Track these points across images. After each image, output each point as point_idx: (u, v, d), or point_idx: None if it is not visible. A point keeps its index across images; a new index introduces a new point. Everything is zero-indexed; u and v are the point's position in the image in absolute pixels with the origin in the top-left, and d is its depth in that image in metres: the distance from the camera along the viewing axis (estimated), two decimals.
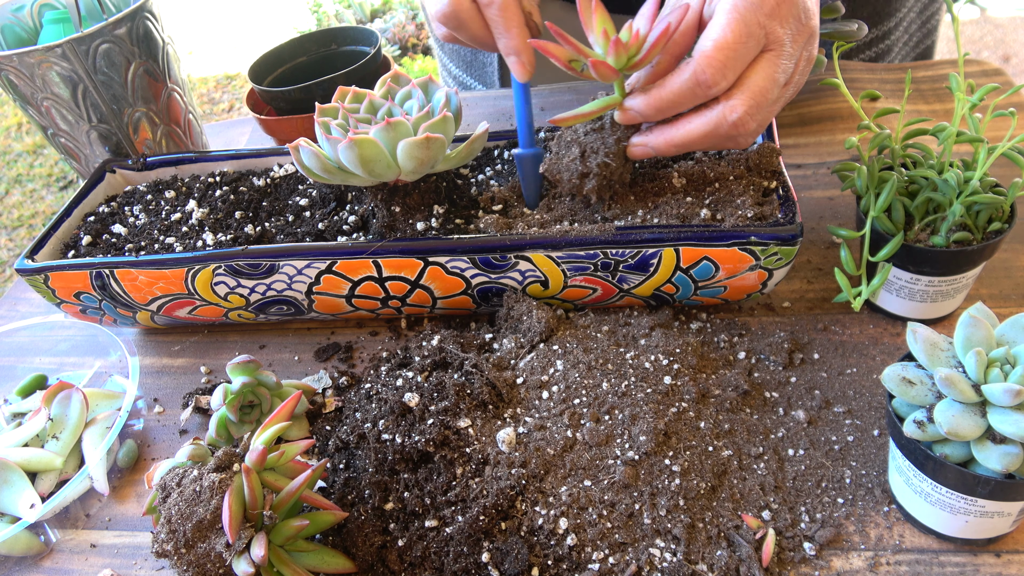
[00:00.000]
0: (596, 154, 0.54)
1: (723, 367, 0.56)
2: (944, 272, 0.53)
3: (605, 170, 0.55)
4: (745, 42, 0.47)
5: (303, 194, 0.67)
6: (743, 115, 0.49)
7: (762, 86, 0.49)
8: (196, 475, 0.45)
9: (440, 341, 0.58)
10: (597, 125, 0.55)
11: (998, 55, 2.70)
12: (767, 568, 0.44)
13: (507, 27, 0.54)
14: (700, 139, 0.51)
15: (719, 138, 0.51)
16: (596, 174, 0.55)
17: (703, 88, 0.48)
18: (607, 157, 0.54)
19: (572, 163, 0.55)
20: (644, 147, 0.54)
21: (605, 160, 0.54)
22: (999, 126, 0.74)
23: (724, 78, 0.48)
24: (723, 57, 0.47)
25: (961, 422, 0.39)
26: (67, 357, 0.69)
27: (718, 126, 0.50)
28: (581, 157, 0.55)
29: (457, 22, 0.56)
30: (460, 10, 0.55)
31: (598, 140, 0.54)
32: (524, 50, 0.55)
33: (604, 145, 0.54)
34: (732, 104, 0.49)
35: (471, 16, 0.55)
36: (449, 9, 0.55)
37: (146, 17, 0.77)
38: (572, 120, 0.54)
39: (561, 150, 0.57)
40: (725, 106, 0.49)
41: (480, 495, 0.47)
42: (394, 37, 3.15)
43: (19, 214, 2.64)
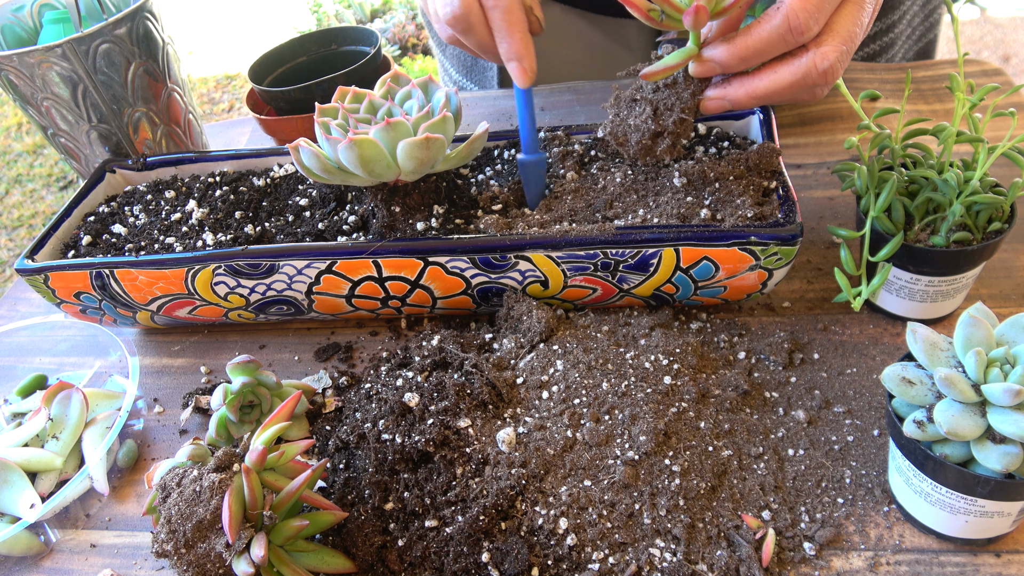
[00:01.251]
0: (671, 111, 0.52)
1: (723, 367, 0.56)
2: (944, 272, 0.53)
3: (681, 127, 0.52)
4: None
5: (303, 194, 0.67)
6: (834, 62, 0.46)
7: (851, 31, 0.47)
8: (196, 475, 0.45)
9: (440, 341, 0.58)
10: (669, 81, 0.52)
11: (998, 55, 2.70)
12: (767, 568, 0.44)
13: (510, 31, 0.54)
14: (785, 89, 0.49)
15: (805, 88, 0.48)
16: (672, 132, 0.52)
17: (795, 34, 0.46)
18: (683, 113, 0.51)
19: (644, 123, 0.53)
20: (721, 100, 0.51)
21: (682, 116, 0.51)
22: (999, 126, 0.74)
23: (816, 22, 0.45)
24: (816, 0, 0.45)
25: (961, 422, 0.39)
26: (67, 357, 0.69)
27: (807, 75, 0.47)
28: (654, 115, 0.52)
29: (466, 25, 0.55)
30: (470, 13, 0.54)
31: (672, 96, 0.52)
32: (526, 56, 0.55)
33: (680, 101, 0.51)
34: (824, 51, 0.46)
35: (480, 20, 0.54)
36: (460, 11, 0.54)
37: (146, 17, 0.77)
38: (661, 73, 0.50)
39: (622, 111, 0.54)
40: (816, 53, 0.47)
41: (480, 495, 0.47)
42: (394, 37, 3.15)
43: (19, 214, 2.64)
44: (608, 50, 0.93)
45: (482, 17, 0.55)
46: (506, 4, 0.53)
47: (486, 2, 0.54)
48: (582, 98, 0.90)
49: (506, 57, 0.55)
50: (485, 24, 0.55)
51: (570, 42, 0.91)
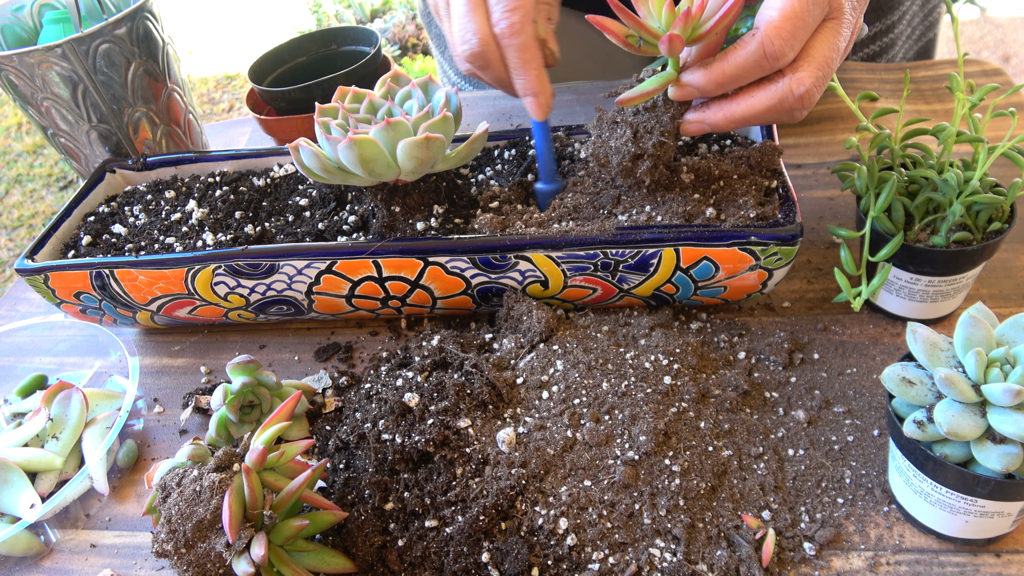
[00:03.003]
0: (651, 134, 0.52)
1: (723, 367, 0.56)
2: (944, 272, 0.53)
3: (661, 150, 0.53)
4: (811, 10, 0.46)
5: (303, 194, 0.67)
6: (810, 87, 0.47)
7: (827, 56, 0.47)
8: (196, 475, 0.45)
9: (440, 341, 0.58)
10: (648, 104, 0.53)
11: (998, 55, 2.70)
12: (767, 568, 0.44)
13: (526, 68, 0.54)
14: (762, 113, 0.49)
15: (782, 111, 0.49)
16: (651, 155, 0.53)
17: (770, 60, 0.46)
18: (663, 136, 0.52)
19: (624, 145, 0.53)
20: (700, 123, 0.52)
21: (661, 139, 0.52)
22: (999, 126, 0.74)
23: (792, 49, 0.46)
24: (791, 27, 0.45)
25: (961, 422, 0.39)
26: (67, 357, 0.69)
27: (783, 100, 0.48)
28: (634, 138, 0.53)
29: (483, 62, 0.55)
30: (487, 50, 0.54)
31: (651, 119, 0.52)
32: (541, 91, 0.55)
33: (659, 124, 0.52)
34: (799, 77, 0.47)
35: (496, 57, 0.55)
36: (478, 49, 0.54)
37: (146, 17, 0.77)
38: (637, 99, 0.51)
39: (604, 132, 0.55)
40: (792, 79, 0.47)
41: (480, 495, 0.47)
42: (394, 37, 3.15)
43: (19, 214, 2.64)
44: (608, 51, 0.93)
45: (499, 54, 0.55)
46: (521, 42, 0.53)
47: (502, 40, 0.53)
48: (582, 98, 0.90)
49: (522, 93, 0.55)
50: (502, 61, 0.55)
51: (570, 43, 0.91)
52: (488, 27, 0.54)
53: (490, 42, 0.54)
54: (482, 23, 0.54)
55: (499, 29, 0.53)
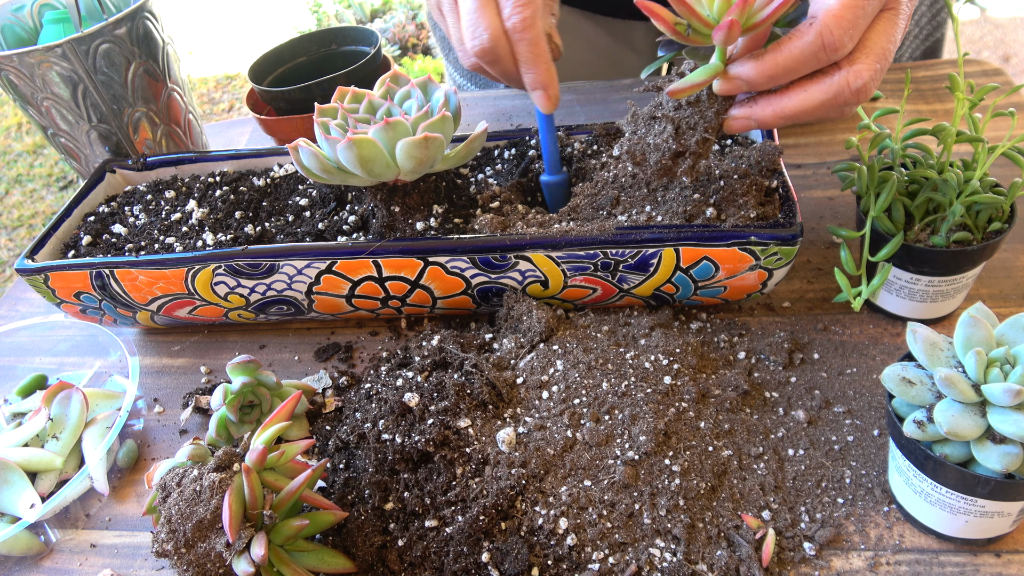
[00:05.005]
0: (694, 130, 0.50)
1: (723, 367, 0.56)
2: (944, 272, 0.53)
3: (703, 147, 0.50)
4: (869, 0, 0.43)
5: (303, 194, 0.67)
6: (868, 80, 0.44)
7: (885, 48, 0.45)
8: (196, 475, 0.45)
9: (440, 341, 0.58)
10: (691, 99, 0.50)
11: (998, 55, 2.70)
12: (767, 568, 0.44)
13: (536, 62, 0.54)
14: (816, 108, 0.46)
15: (835, 107, 0.46)
16: (694, 152, 0.50)
17: (828, 51, 0.44)
18: (707, 133, 0.49)
19: (664, 142, 0.51)
20: (747, 120, 0.49)
21: (705, 136, 0.50)
22: (999, 126, 0.74)
23: (851, 39, 0.43)
24: (851, 15, 0.43)
25: (961, 422, 0.39)
26: (67, 357, 0.69)
27: (839, 94, 0.45)
28: (675, 134, 0.50)
29: (493, 57, 0.55)
30: (498, 46, 0.54)
31: (695, 115, 0.50)
32: (550, 84, 0.55)
33: (703, 119, 0.49)
34: (857, 69, 0.44)
35: (507, 52, 0.54)
36: (489, 44, 0.54)
37: (146, 17, 0.77)
38: (688, 91, 0.48)
39: (640, 128, 0.53)
40: (849, 72, 0.45)
41: (480, 495, 0.47)
42: (394, 37, 3.15)
43: (19, 214, 2.64)
44: (613, 52, 0.93)
45: (509, 49, 0.54)
46: (532, 36, 0.53)
47: (514, 35, 0.54)
48: (582, 98, 0.90)
49: (531, 86, 0.55)
50: (511, 56, 0.55)
51: (576, 43, 0.91)
52: (499, 22, 0.54)
53: (501, 37, 0.54)
54: (493, 18, 0.54)
55: (511, 24, 0.53)
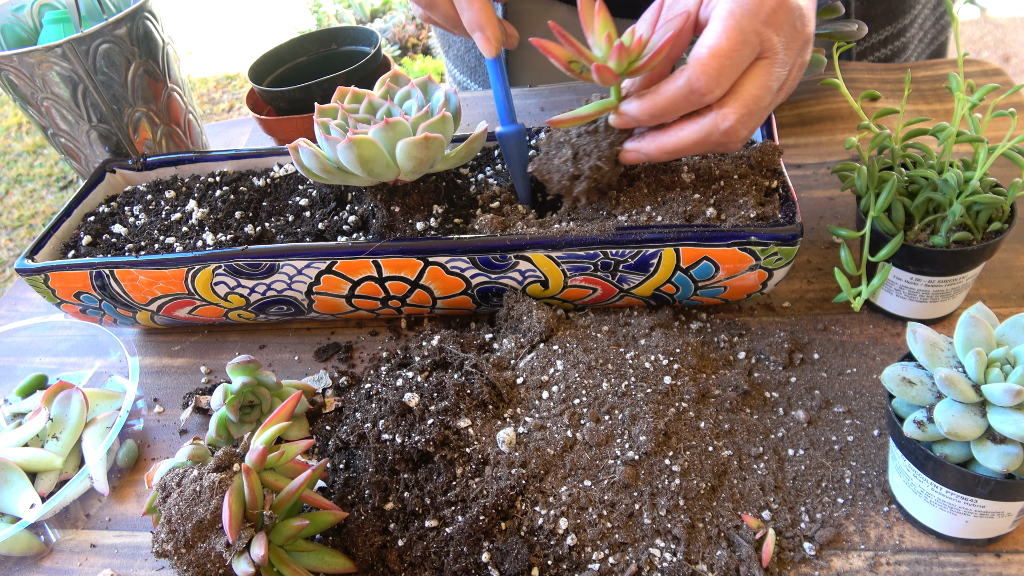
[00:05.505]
0: (589, 157, 0.54)
1: (723, 367, 0.56)
2: (944, 272, 0.53)
3: (596, 173, 0.55)
4: (740, 49, 0.47)
5: (303, 194, 0.67)
6: (735, 123, 0.48)
7: (755, 94, 0.48)
8: (196, 475, 0.45)
9: (440, 341, 0.58)
10: (591, 128, 0.55)
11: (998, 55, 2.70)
12: (767, 568, 0.44)
13: (469, 2, 0.55)
14: (691, 146, 0.51)
15: (710, 145, 0.50)
16: (587, 177, 0.55)
17: (697, 95, 0.48)
18: (600, 160, 0.54)
19: (564, 164, 0.55)
20: (637, 152, 0.53)
21: (597, 163, 0.54)
22: (999, 126, 0.74)
23: (718, 85, 0.47)
24: (718, 64, 0.46)
25: (961, 422, 0.39)
26: (67, 357, 0.69)
27: (709, 134, 0.49)
28: (573, 159, 0.55)
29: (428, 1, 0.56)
30: None
31: (591, 143, 0.54)
32: (487, 24, 0.55)
33: (597, 148, 0.54)
34: (724, 112, 0.48)
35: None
36: None
37: (146, 17, 0.77)
38: (570, 122, 0.54)
39: (551, 150, 0.56)
40: (717, 114, 0.48)
41: (480, 495, 0.47)
42: (394, 37, 3.15)
43: (19, 214, 2.64)
44: None
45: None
46: None
47: None
48: (580, 98, 0.90)
49: (469, 28, 0.56)
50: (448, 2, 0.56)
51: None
52: None
53: None
54: None
55: None
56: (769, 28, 0.47)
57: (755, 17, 0.46)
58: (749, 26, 0.46)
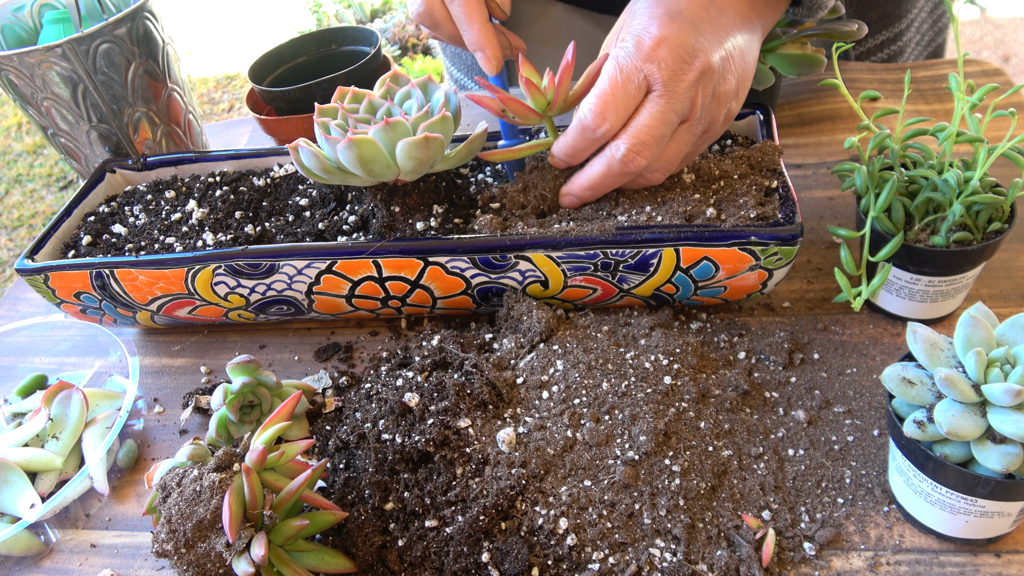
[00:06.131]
0: (535, 188, 0.59)
1: (723, 367, 0.56)
2: (944, 272, 0.53)
3: (543, 203, 0.59)
4: (624, 86, 0.50)
5: (303, 194, 0.67)
6: (627, 151, 0.51)
7: (646, 124, 0.51)
8: (196, 475, 0.45)
9: (440, 341, 0.58)
10: (541, 164, 0.59)
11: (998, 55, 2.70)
12: (767, 568, 0.44)
13: (469, 23, 0.57)
14: (601, 179, 0.54)
15: (616, 176, 0.53)
16: (534, 206, 0.59)
17: (589, 131, 0.52)
18: (544, 191, 0.59)
19: (516, 194, 0.60)
20: (570, 196, 0.57)
21: (543, 193, 0.59)
22: (999, 126, 0.74)
23: (606, 121, 0.51)
24: (601, 103, 0.50)
25: (961, 422, 0.39)
26: (67, 357, 0.69)
27: (609, 165, 0.53)
28: (523, 191, 0.59)
29: (431, 21, 0.59)
30: (433, 9, 0.58)
31: (538, 177, 0.59)
32: (488, 45, 0.58)
33: (543, 181, 0.58)
34: (617, 144, 0.52)
35: (443, 15, 0.58)
36: (423, 8, 0.58)
37: (146, 17, 0.77)
38: (501, 157, 0.58)
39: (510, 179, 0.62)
40: (612, 146, 0.52)
41: (480, 495, 0.47)
42: (394, 37, 3.15)
43: (19, 214, 2.64)
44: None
45: (444, 12, 0.58)
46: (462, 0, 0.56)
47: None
48: None
49: (471, 48, 0.59)
50: (449, 18, 0.58)
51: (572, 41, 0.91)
52: None
53: (435, 2, 0.58)
54: None
55: None
56: (651, 63, 0.50)
57: (635, 57, 0.50)
58: (630, 64, 0.50)
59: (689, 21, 0.51)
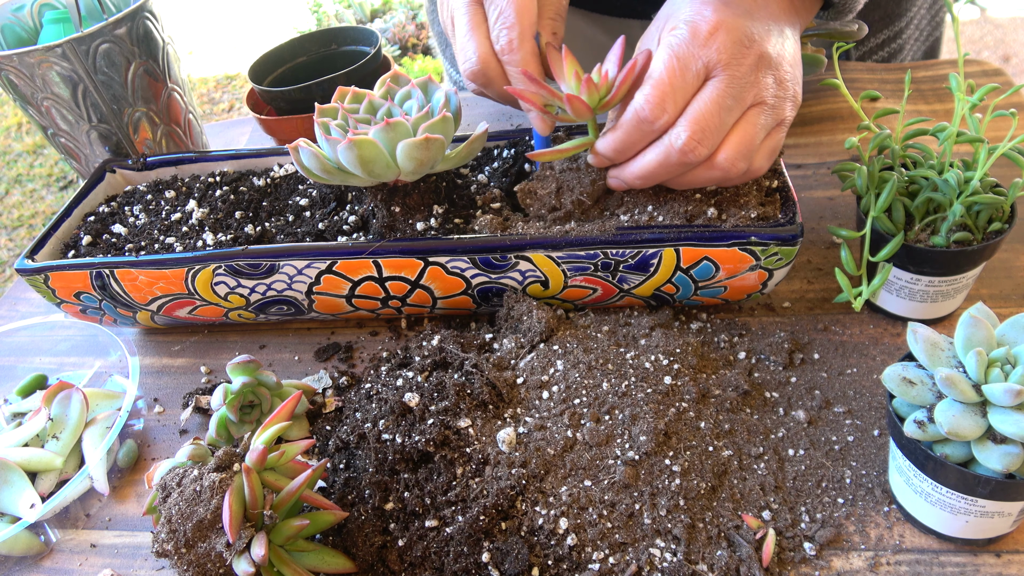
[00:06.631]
0: (571, 192, 0.57)
1: (723, 367, 0.56)
2: (944, 272, 0.53)
3: (578, 207, 0.57)
4: (682, 75, 0.49)
5: (303, 194, 0.67)
6: (688, 139, 0.49)
7: (704, 110, 0.49)
8: (196, 475, 0.45)
9: (440, 341, 0.58)
10: (574, 164, 0.57)
11: (998, 55, 2.70)
12: (767, 568, 0.44)
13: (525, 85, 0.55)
14: (656, 168, 0.52)
15: (672, 166, 0.51)
16: (569, 211, 0.57)
17: (647, 124, 0.50)
18: (582, 196, 0.57)
19: (547, 196, 0.57)
20: (618, 180, 0.55)
21: (580, 198, 0.57)
22: (999, 126, 0.74)
23: (664, 111, 0.49)
24: (659, 93, 0.49)
25: (961, 422, 0.39)
26: (67, 357, 0.69)
27: (668, 154, 0.50)
28: (556, 193, 0.57)
29: (485, 80, 0.56)
30: (488, 68, 0.55)
31: (574, 179, 0.57)
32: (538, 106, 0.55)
33: (580, 184, 0.57)
34: (676, 132, 0.50)
35: (498, 74, 0.55)
36: (479, 67, 0.55)
37: (146, 17, 0.77)
38: (549, 156, 0.55)
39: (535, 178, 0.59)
40: (670, 134, 0.50)
41: (480, 495, 0.47)
42: (394, 37, 3.15)
43: (19, 214, 2.64)
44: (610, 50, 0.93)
45: (500, 71, 0.55)
46: (520, 58, 0.54)
47: (502, 57, 0.54)
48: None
49: (525, 108, 0.56)
50: (503, 77, 0.56)
51: (573, 42, 0.91)
52: (488, 44, 0.54)
53: (490, 60, 0.55)
54: (482, 40, 0.55)
55: (499, 47, 0.54)
56: (709, 49, 0.49)
57: (691, 44, 0.49)
58: (687, 52, 0.49)
59: (742, 7, 0.50)
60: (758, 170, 0.53)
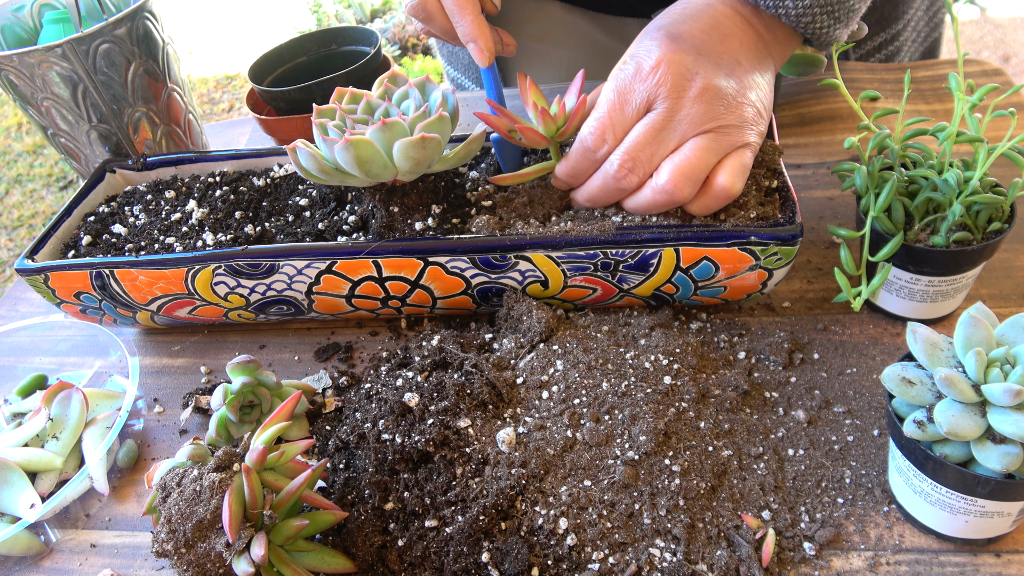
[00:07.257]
0: (542, 206, 0.60)
1: (723, 367, 0.56)
2: (944, 272, 0.53)
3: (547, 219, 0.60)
4: (621, 108, 0.52)
5: (303, 194, 0.67)
6: (619, 167, 0.53)
7: (637, 140, 0.52)
8: (196, 475, 0.45)
9: (440, 341, 0.58)
10: (542, 183, 0.60)
11: (998, 55, 2.70)
12: (767, 568, 0.44)
13: (462, 14, 0.59)
14: (599, 191, 0.55)
15: (614, 191, 0.54)
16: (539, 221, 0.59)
17: (590, 152, 0.54)
18: (551, 210, 0.59)
19: (521, 206, 0.60)
20: (576, 201, 0.59)
21: (549, 213, 0.59)
22: (999, 126, 0.74)
23: (604, 141, 0.53)
24: (600, 125, 0.53)
25: (961, 422, 0.39)
26: (67, 357, 0.69)
27: (605, 180, 0.54)
28: (528, 204, 0.60)
29: (425, 14, 0.60)
30: (426, 2, 0.60)
31: (544, 194, 0.60)
32: (480, 36, 0.59)
33: (549, 199, 0.60)
34: (611, 159, 0.53)
35: (436, 7, 0.60)
36: (416, 1, 0.60)
37: (146, 17, 0.77)
38: (511, 180, 0.59)
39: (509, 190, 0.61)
40: (607, 161, 0.54)
41: (480, 495, 0.47)
42: (394, 37, 3.15)
43: (19, 214, 2.64)
44: (609, 49, 0.93)
45: (437, 4, 0.60)
46: None
47: None
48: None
49: (463, 40, 0.60)
50: (442, 11, 0.60)
51: (571, 41, 0.91)
52: None
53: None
54: None
55: None
56: (648, 84, 0.51)
57: (633, 79, 0.52)
58: (626, 87, 0.52)
59: (691, 43, 0.52)
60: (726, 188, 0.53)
